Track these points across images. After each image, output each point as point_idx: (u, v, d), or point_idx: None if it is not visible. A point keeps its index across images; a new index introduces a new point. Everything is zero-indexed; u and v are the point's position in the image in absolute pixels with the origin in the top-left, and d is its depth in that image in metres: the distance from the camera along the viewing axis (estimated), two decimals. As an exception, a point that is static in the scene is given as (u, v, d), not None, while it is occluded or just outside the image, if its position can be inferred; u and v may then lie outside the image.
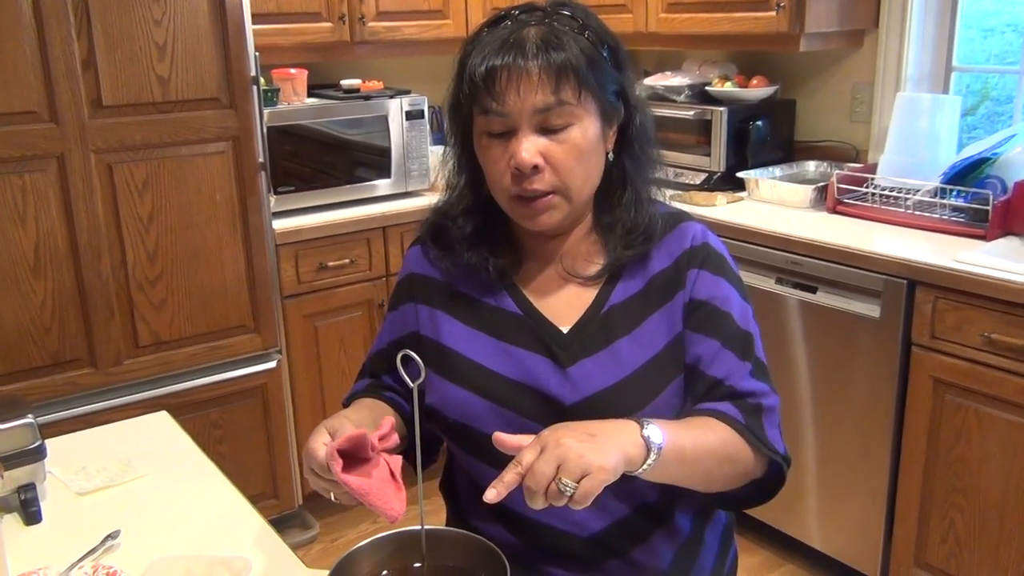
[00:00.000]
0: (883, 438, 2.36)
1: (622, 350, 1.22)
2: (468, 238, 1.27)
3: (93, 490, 1.40)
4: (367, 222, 2.83)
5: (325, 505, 2.92)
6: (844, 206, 2.68)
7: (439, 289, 1.31)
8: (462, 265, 1.28)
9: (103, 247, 2.33)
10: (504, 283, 1.27)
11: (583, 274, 1.26)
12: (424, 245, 1.34)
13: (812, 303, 2.45)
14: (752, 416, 1.19)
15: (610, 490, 1.20)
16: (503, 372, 1.23)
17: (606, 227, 1.27)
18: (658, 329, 1.24)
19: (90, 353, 2.37)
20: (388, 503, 1.01)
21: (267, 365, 2.66)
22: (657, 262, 1.26)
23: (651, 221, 1.25)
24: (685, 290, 1.24)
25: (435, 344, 1.28)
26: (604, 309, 1.24)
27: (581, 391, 1.20)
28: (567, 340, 1.23)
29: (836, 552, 2.55)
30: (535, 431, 1.16)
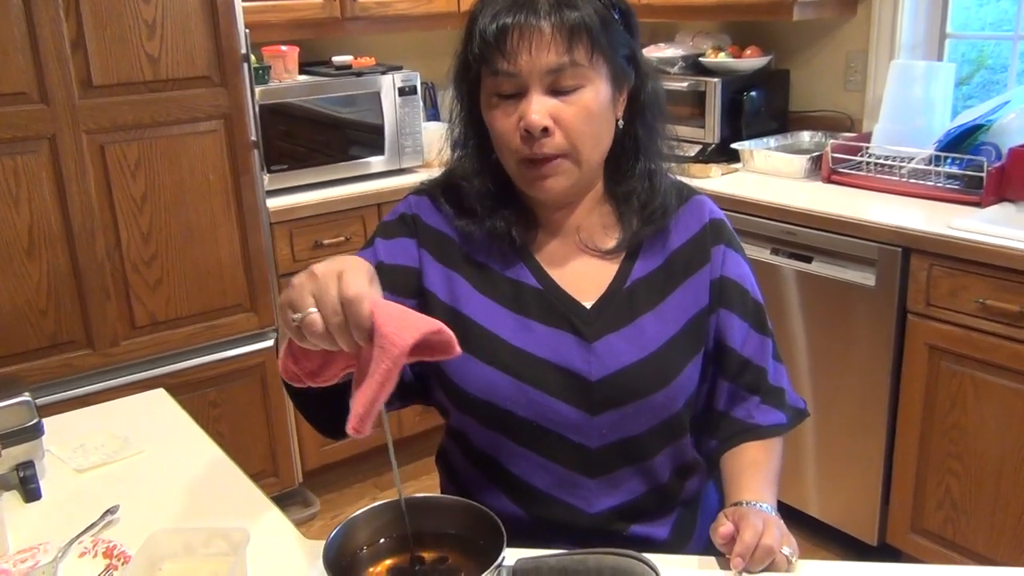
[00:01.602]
0: (879, 406, 2.37)
1: (647, 325, 1.22)
2: (485, 198, 1.23)
3: (91, 467, 1.41)
4: (361, 199, 2.82)
5: (325, 483, 2.95)
6: (839, 175, 2.68)
7: (454, 250, 1.25)
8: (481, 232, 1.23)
9: (97, 228, 2.33)
10: (521, 254, 1.25)
11: (601, 247, 1.25)
12: (435, 199, 1.28)
13: (807, 272, 2.45)
14: (784, 405, 1.30)
15: (624, 471, 1.22)
16: (527, 348, 1.20)
17: (620, 198, 1.26)
18: (681, 304, 1.24)
19: (87, 334, 2.38)
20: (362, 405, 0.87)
21: (264, 344, 2.67)
22: (676, 237, 1.26)
23: (666, 195, 1.25)
24: (711, 266, 1.26)
25: (452, 309, 1.23)
26: (627, 284, 1.24)
27: (607, 366, 1.19)
28: (591, 315, 1.22)
29: (834, 520, 2.57)
30: (558, 409, 1.19)
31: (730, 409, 1.28)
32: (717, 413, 1.29)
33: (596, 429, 1.20)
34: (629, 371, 1.19)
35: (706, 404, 1.30)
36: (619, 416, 1.20)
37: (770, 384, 1.29)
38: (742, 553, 1.06)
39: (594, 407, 1.19)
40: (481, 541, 0.97)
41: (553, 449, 1.21)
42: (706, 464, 1.31)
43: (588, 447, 1.21)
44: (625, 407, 1.19)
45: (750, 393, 1.28)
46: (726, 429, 1.28)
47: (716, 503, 1.35)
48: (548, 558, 0.92)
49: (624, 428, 1.21)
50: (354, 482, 2.99)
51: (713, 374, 1.28)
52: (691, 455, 1.29)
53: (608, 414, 1.20)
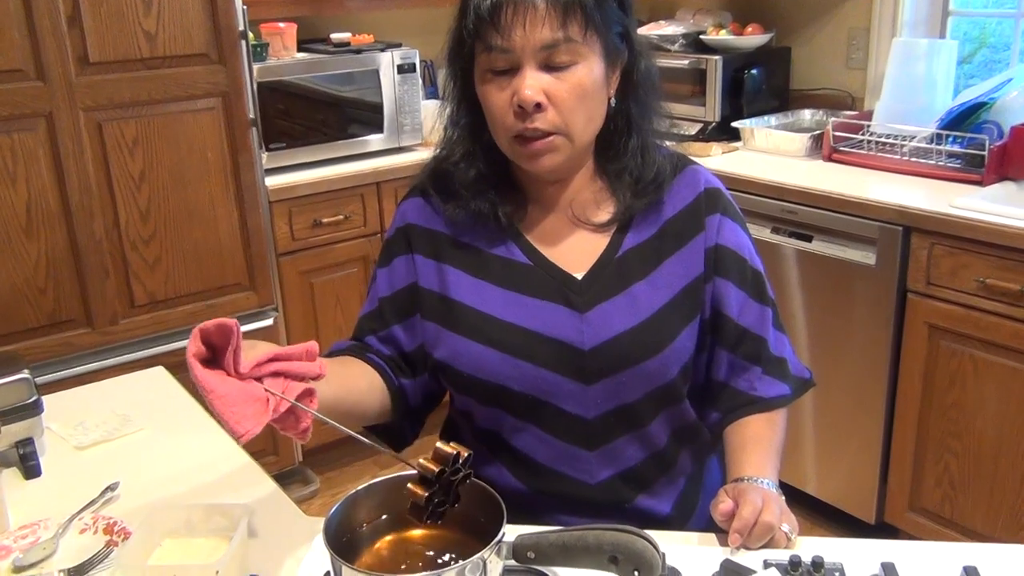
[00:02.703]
0: (878, 385, 2.37)
1: (639, 293, 1.22)
2: (472, 183, 1.25)
3: (91, 444, 1.41)
4: (360, 178, 2.81)
5: (326, 460, 2.96)
6: (840, 154, 2.67)
7: (444, 241, 1.28)
8: (467, 214, 1.25)
9: (95, 206, 2.32)
10: (510, 232, 1.26)
11: (593, 220, 1.26)
12: (425, 195, 1.31)
13: (808, 252, 2.45)
14: (787, 375, 1.30)
15: (622, 440, 1.22)
16: (517, 322, 1.22)
17: (613, 175, 1.26)
18: (675, 272, 1.24)
19: (86, 313, 2.37)
20: (235, 416, 0.93)
21: (264, 323, 2.66)
22: (670, 206, 1.26)
23: (660, 168, 1.25)
24: (706, 234, 1.25)
25: (440, 297, 1.26)
26: (618, 254, 1.24)
27: (600, 335, 1.20)
28: (582, 286, 1.23)
29: (832, 499, 2.58)
30: (552, 380, 1.20)
31: (731, 380, 1.29)
32: (718, 383, 1.29)
33: (592, 398, 1.21)
34: (622, 339, 1.20)
35: (706, 374, 1.30)
36: (614, 384, 1.21)
37: (771, 354, 1.29)
38: (740, 529, 1.06)
39: (589, 376, 1.20)
40: (481, 518, 0.97)
41: (551, 422, 1.22)
42: (711, 436, 1.32)
43: (585, 417, 1.22)
44: (619, 375, 1.20)
45: (751, 363, 1.28)
46: (728, 401, 1.28)
47: (719, 480, 1.36)
48: (548, 534, 0.92)
49: (619, 396, 1.22)
50: (354, 460, 2.99)
51: (712, 344, 1.28)
52: (689, 420, 1.29)
53: (603, 383, 1.21)
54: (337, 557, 0.89)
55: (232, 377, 0.96)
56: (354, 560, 0.96)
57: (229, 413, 0.93)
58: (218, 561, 0.96)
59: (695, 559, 1.06)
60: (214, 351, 0.96)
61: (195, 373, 0.94)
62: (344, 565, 0.89)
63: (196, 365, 0.94)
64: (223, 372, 0.95)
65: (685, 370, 1.25)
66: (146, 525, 1.02)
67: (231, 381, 0.95)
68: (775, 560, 1.04)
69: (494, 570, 0.92)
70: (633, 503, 1.26)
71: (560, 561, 0.92)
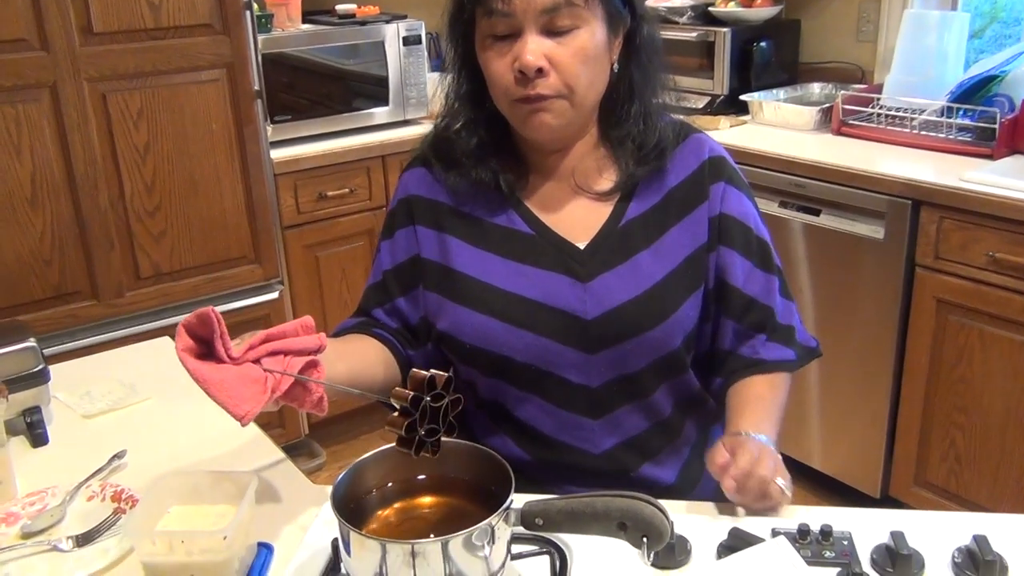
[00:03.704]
0: (885, 359, 2.36)
1: (642, 263, 1.22)
2: (474, 151, 1.24)
3: (98, 413, 1.41)
4: (366, 151, 2.80)
5: (332, 433, 2.97)
6: (849, 127, 2.65)
7: (444, 212, 1.28)
8: (468, 184, 1.25)
9: (100, 178, 2.31)
10: (511, 201, 1.25)
11: (595, 189, 1.25)
12: (426, 165, 1.30)
13: (816, 226, 2.44)
14: (793, 342, 1.29)
15: (625, 409, 1.22)
16: (519, 292, 1.22)
17: (615, 142, 1.25)
18: (679, 241, 1.23)
19: (91, 285, 2.37)
20: (232, 400, 0.94)
21: (269, 296, 2.66)
22: (673, 175, 1.25)
23: (662, 134, 1.24)
24: (710, 203, 1.24)
25: (443, 268, 1.26)
26: (621, 223, 1.23)
27: (603, 304, 1.20)
28: (585, 255, 1.22)
29: (837, 473, 2.58)
30: (554, 350, 1.20)
31: (735, 348, 1.28)
32: (723, 352, 1.29)
33: (595, 368, 1.21)
34: (625, 308, 1.20)
35: (711, 344, 1.29)
36: (617, 354, 1.20)
37: (778, 322, 1.28)
38: (736, 476, 1.06)
39: (592, 346, 1.20)
40: (491, 487, 0.96)
41: (555, 392, 1.22)
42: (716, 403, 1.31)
43: (589, 387, 1.22)
44: (622, 344, 1.20)
45: (756, 332, 1.27)
46: (731, 365, 1.28)
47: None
48: (556, 501, 0.92)
49: (622, 365, 1.21)
50: (360, 433, 3.00)
51: (716, 313, 1.27)
52: (693, 390, 1.29)
53: (606, 352, 1.20)
54: (345, 523, 0.89)
55: (227, 364, 0.97)
56: (362, 527, 0.96)
57: (226, 397, 0.94)
58: (226, 527, 0.96)
59: (702, 527, 1.06)
60: (205, 344, 0.97)
61: (188, 367, 0.95)
62: (352, 531, 0.89)
63: (187, 359, 0.95)
64: (218, 362, 0.97)
65: (688, 340, 1.25)
66: (153, 492, 1.02)
67: (225, 367, 0.97)
68: (783, 528, 1.04)
69: (502, 537, 0.91)
70: (637, 472, 1.26)
71: (568, 528, 0.92)
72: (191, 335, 0.97)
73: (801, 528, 1.03)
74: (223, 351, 0.97)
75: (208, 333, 0.97)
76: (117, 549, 1.07)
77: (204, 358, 0.97)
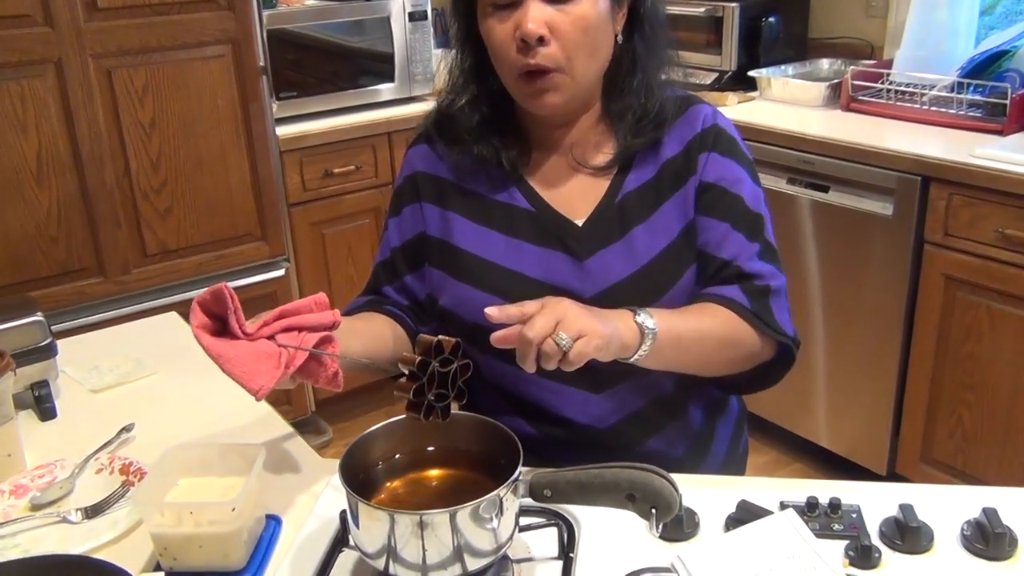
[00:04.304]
0: (893, 337, 2.36)
1: (638, 239, 1.21)
2: (476, 128, 1.24)
3: (106, 387, 1.41)
4: (372, 127, 2.79)
5: (338, 411, 2.97)
6: (858, 103, 2.63)
7: (447, 188, 1.28)
8: (471, 160, 1.25)
9: (106, 155, 2.31)
10: (513, 177, 1.25)
11: (593, 164, 1.24)
12: (429, 142, 1.30)
13: (824, 202, 2.42)
14: (759, 299, 1.19)
15: (627, 384, 1.22)
16: (518, 269, 1.21)
17: (615, 115, 1.24)
18: (672, 216, 1.22)
19: (98, 262, 2.37)
20: (247, 374, 0.95)
21: (275, 273, 2.66)
22: (669, 148, 1.24)
23: (662, 106, 1.22)
24: (696, 174, 1.23)
25: (445, 244, 1.26)
26: (618, 198, 1.22)
27: (600, 283, 1.19)
28: (582, 233, 1.21)
29: (844, 450, 2.58)
30: None
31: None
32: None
33: None
34: (622, 286, 1.19)
35: None
36: None
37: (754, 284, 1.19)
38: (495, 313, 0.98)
39: None
40: (500, 459, 0.96)
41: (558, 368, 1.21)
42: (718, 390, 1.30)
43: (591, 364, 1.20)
44: None
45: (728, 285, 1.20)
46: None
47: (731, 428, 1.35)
48: (565, 472, 0.92)
49: None
50: (367, 411, 3.00)
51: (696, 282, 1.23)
52: None
53: None
54: (353, 494, 0.89)
55: (242, 340, 0.98)
56: (370, 498, 0.96)
57: (240, 372, 0.95)
58: (234, 499, 0.96)
59: (711, 499, 1.06)
60: (219, 320, 0.98)
61: (203, 344, 0.96)
62: (360, 502, 0.89)
63: (203, 336, 0.96)
64: (232, 338, 0.97)
65: None
66: (162, 464, 1.02)
67: (240, 343, 0.97)
68: (792, 501, 1.04)
69: (510, 508, 0.91)
70: (644, 446, 1.26)
71: (577, 499, 0.92)
72: (205, 312, 0.98)
73: (810, 501, 1.02)
74: (237, 327, 0.98)
75: (222, 309, 0.97)
76: (126, 521, 1.07)
77: (219, 335, 0.98)
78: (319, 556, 1.00)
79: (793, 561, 0.90)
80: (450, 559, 0.88)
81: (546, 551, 1.00)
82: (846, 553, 0.97)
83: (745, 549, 0.92)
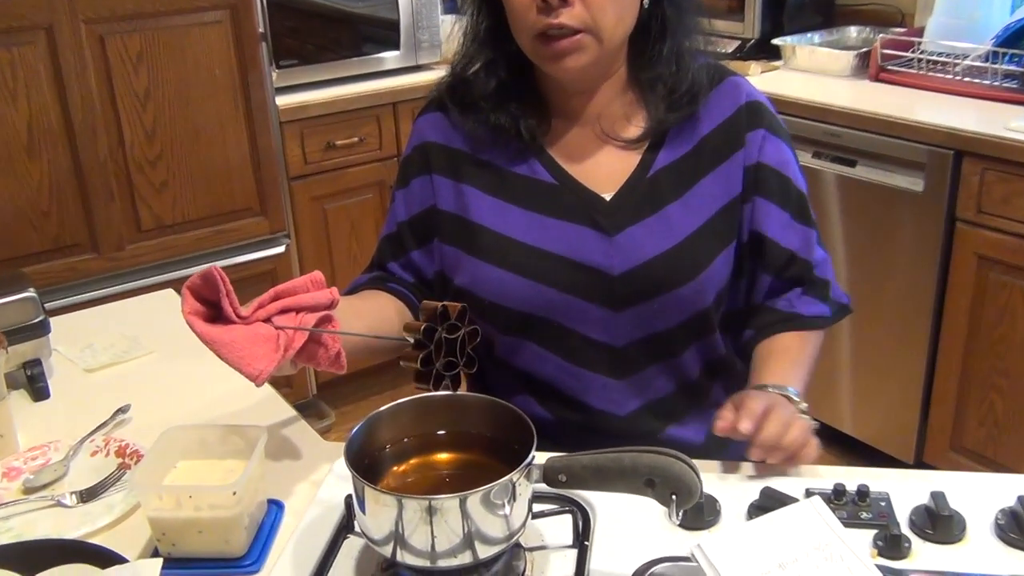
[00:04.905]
0: (922, 319, 2.35)
1: (672, 215, 1.20)
2: (493, 94, 1.22)
3: (100, 367, 1.41)
4: (376, 97, 2.78)
5: (341, 394, 2.98)
6: (888, 73, 2.61)
7: (462, 159, 1.26)
8: (487, 129, 1.23)
9: (99, 125, 2.30)
10: (533, 148, 1.24)
11: (623, 136, 1.23)
12: (442, 109, 1.29)
13: (851, 177, 2.41)
14: (830, 299, 1.27)
15: (652, 369, 1.22)
16: (540, 245, 1.20)
17: (645, 85, 1.22)
18: (711, 192, 1.22)
19: (91, 238, 2.37)
20: (244, 359, 0.95)
21: (276, 250, 2.66)
22: (707, 121, 1.23)
23: (696, 77, 1.21)
24: (746, 151, 1.22)
25: (460, 220, 1.25)
26: (650, 173, 1.21)
27: (630, 260, 1.18)
28: (611, 207, 1.20)
29: (870, 438, 2.57)
30: (578, 307, 1.19)
31: (768, 300, 1.27)
32: (755, 306, 1.28)
33: (621, 326, 1.20)
34: (653, 263, 1.18)
35: (745, 300, 1.29)
36: (644, 312, 1.19)
37: (816, 276, 1.27)
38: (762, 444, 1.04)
39: (618, 303, 1.19)
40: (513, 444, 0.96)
41: (577, 351, 1.22)
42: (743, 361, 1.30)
43: (613, 346, 1.21)
44: (651, 301, 1.19)
45: (793, 285, 1.26)
46: (763, 318, 1.27)
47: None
48: (581, 456, 0.91)
49: (650, 324, 1.20)
50: (371, 394, 3.01)
51: (752, 268, 1.26)
52: (721, 351, 1.28)
53: (633, 309, 1.19)
54: (360, 478, 0.89)
55: (237, 324, 0.97)
56: (376, 483, 0.95)
57: (237, 358, 0.95)
58: (235, 482, 0.96)
59: (733, 486, 1.06)
60: (212, 305, 0.97)
61: (196, 330, 0.96)
62: (367, 486, 0.88)
63: (196, 321, 0.96)
64: (227, 323, 0.97)
65: (720, 297, 1.24)
66: (159, 446, 1.02)
67: (235, 328, 0.97)
68: (818, 488, 1.03)
69: (523, 494, 0.91)
70: (663, 433, 1.26)
71: (593, 485, 0.91)
72: (197, 297, 0.98)
73: (837, 488, 1.02)
74: (231, 311, 0.97)
75: (214, 294, 0.97)
76: (123, 504, 1.08)
77: (213, 320, 0.98)
78: (323, 543, 1.00)
79: (819, 551, 0.90)
80: (460, 546, 0.88)
81: (560, 539, 1.00)
82: (874, 543, 0.96)
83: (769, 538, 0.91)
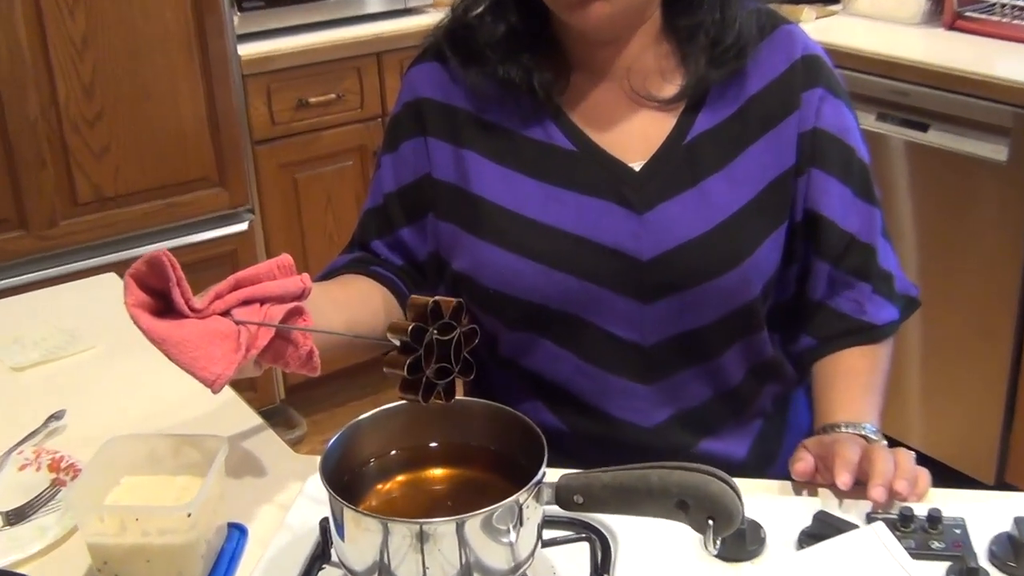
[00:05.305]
0: (1005, 314, 2.35)
1: (713, 189, 1.20)
2: (501, 41, 1.21)
3: (30, 364, 1.42)
4: (357, 46, 2.79)
5: (314, 399, 2.99)
6: (965, 21, 2.62)
7: (463, 119, 1.26)
8: (493, 84, 1.23)
9: (28, 79, 2.32)
10: (549, 108, 1.24)
11: (656, 95, 1.22)
12: (440, 59, 1.28)
13: (922, 144, 2.42)
14: (897, 297, 1.29)
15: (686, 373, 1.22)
16: (556, 224, 1.20)
17: (684, 34, 1.22)
18: (760, 163, 1.22)
19: (18, 212, 2.39)
20: (198, 362, 0.94)
21: (237, 227, 2.68)
22: (755, 79, 1.23)
23: (743, 27, 1.21)
24: (801, 114, 1.22)
25: (460, 191, 1.25)
26: (687, 139, 1.21)
27: (662, 242, 1.19)
28: (641, 179, 1.20)
29: (942, 455, 2.57)
30: (600, 298, 1.19)
31: (830, 298, 1.27)
32: (813, 303, 1.28)
33: (650, 321, 1.20)
34: (690, 247, 1.18)
35: (797, 291, 1.28)
36: (679, 304, 1.20)
37: (880, 267, 1.27)
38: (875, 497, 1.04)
39: (647, 293, 1.19)
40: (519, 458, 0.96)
41: (599, 349, 1.22)
42: (796, 368, 1.30)
43: (641, 345, 1.21)
44: (686, 292, 1.19)
45: (858, 279, 1.26)
46: (827, 325, 1.27)
47: (806, 416, 1.35)
48: (601, 474, 0.91)
49: (685, 319, 1.21)
50: (348, 399, 3.02)
51: (807, 253, 1.26)
52: (769, 353, 1.28)
53: (665, 301, 1.19)
54: (338, 498, 0.89)
55: (190, 319, 0.96)
56: (358, 503, 0.96)
57: (190, 359, 0.94)
58: (190, 503, 0.96)
59: (780, 510, 1.06)
60: (161, 296, 0.96)
61: (142, 326, 0.94)
62: (346, 507, 0.89)
63: (141, 315, 0.94)
64: (179, 317, 0.96)
65: (767, 289, 1.24)
66: (100, 459, 1.03)
67: (188, 323, 0.95)
68: (881, 514, 1.03)
69: (532, 518, 0.92)
70: (697, 447, 1.27)
71: (615, 507, 0.92)
72: (142, 287, 0.96)
73: (903, 513, 1.02)
74: (183, 302, 0.96)
75: (162, 282, 0.95)
76: (57, 527, 1.08)
77: (161, 313, 0.96)
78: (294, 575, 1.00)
79: (882, 587, 0.91)
80: (457, 579, 0.89)
81: (576, 571, 1.00)
82: (948, 577, 0.97)
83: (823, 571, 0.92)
